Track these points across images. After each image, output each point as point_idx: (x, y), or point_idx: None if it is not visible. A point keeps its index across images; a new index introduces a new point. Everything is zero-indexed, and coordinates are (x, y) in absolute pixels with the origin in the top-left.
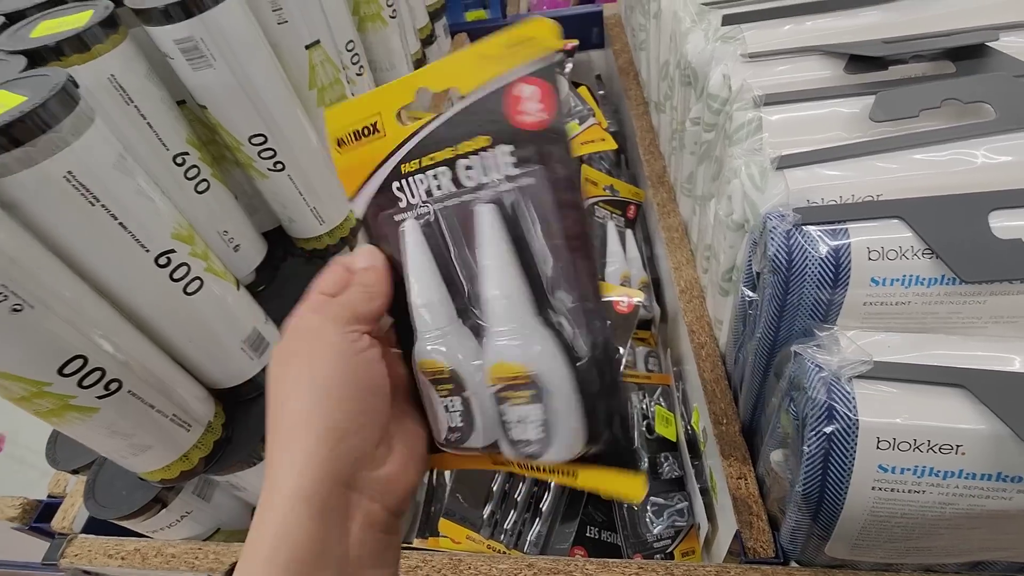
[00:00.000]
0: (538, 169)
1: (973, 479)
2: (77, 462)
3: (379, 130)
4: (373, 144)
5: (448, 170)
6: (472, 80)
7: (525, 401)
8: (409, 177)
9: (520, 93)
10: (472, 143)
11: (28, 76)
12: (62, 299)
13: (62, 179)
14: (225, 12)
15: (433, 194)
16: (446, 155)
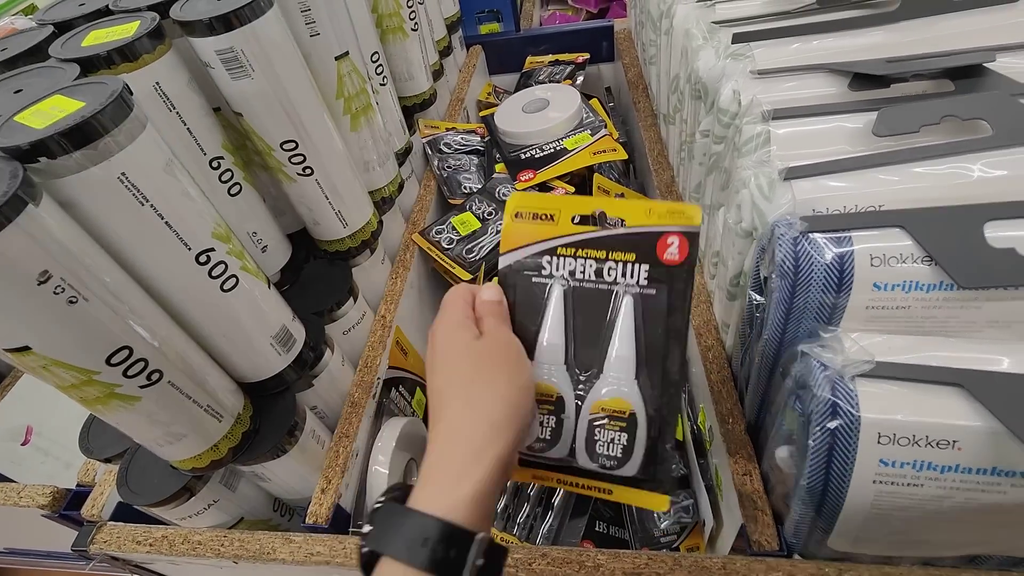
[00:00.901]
0: (663, 287)
1: (969, 473)
2: (110, 451)
3: (554, 220)
4: (544, 226)
5: (596, 264)
6: (638, 219)
7: (618, 429)
8: (562, 257)
9: (669, 239)
10: (622, 255)
11: (85, 83)
12: (111, 292)
13: (116, 180)
14: (264, 25)
15: (575, 275)
16: (599, 255)
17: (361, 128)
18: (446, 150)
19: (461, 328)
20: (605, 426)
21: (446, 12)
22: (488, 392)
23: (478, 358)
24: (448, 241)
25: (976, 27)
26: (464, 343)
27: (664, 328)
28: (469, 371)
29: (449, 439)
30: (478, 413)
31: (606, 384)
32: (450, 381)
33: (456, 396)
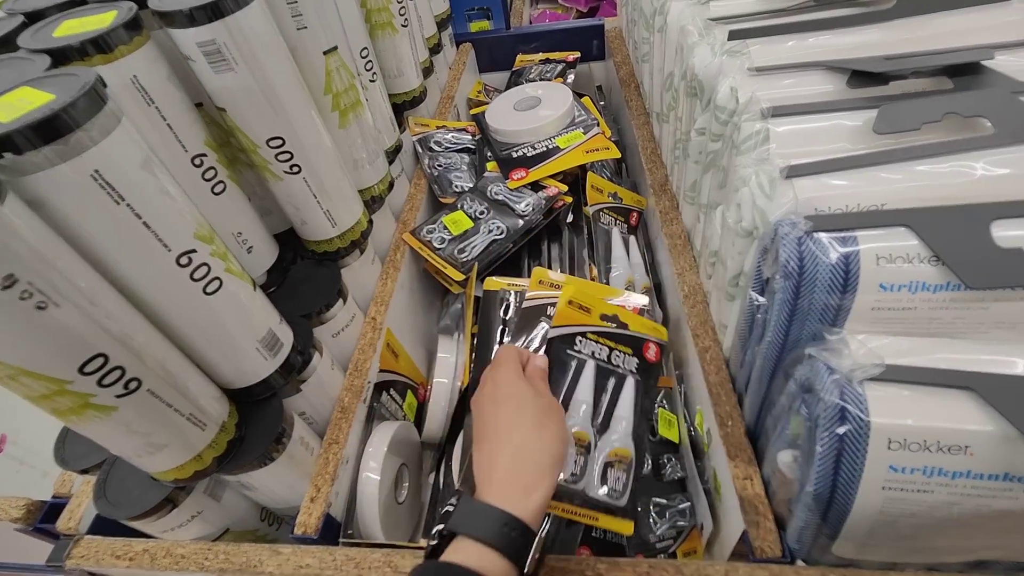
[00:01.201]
0: (643, 377)
1: (981, 479)
2: (86, 462)
3: (589, 312)
4: (582, 315)
5: (608, 350)
6: (638, 327)
7: (623, 469)
8: (588, 340)
9: (650, 345)
10: (624, 348)
11: (56, 75)
12: (85, 297)
13: (89, 178)
14: (248, 16)
15: (595, 355)
16: (610, 344)
17: (350, 125)
18: (436, 148)
19: (524, 381)
20: (615, 466)
21: (436, 9)
22: (549, 434)
23: (541, 408)
24: (439, 241)
25: (971, 25)
26: (531, 394)
27: (640, 408)
28: (537, 413)
29: (519, 457)
30: (544, 445)
31: (616, 435)
32: (521, 413)
33: (525, 426)
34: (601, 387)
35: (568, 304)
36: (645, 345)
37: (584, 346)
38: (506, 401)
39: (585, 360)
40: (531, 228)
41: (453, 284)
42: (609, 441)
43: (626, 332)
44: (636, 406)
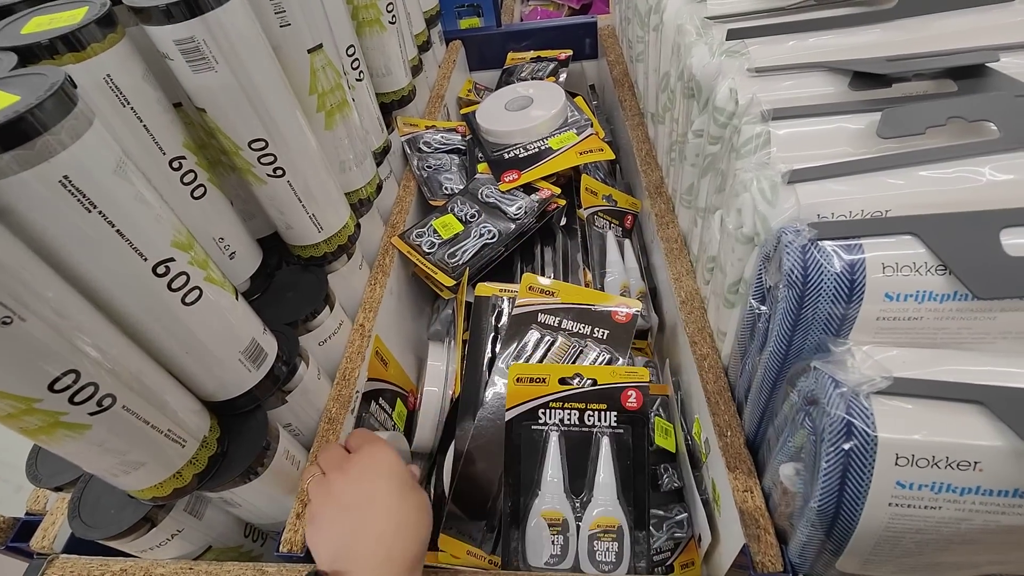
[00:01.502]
0: (628, 428)
1: (990, 495)
2: (60, 479)
3: (545, 382)
4: (538, 387)
5: (579, 412)
6: (605, 379)
7: (612, 539)
8: (552, 409)
9: (629, 392)
10: (597, 405)
11: (22, 74)
12: (54, 311)
13: (57, 184)
14: (228, 13)
15: (564, 422)
16: (580, 406)
17: (336, 126)
18: (426, 149)
19: None
20: (601, 538)
21: (425, 5)
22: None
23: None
24: (429, 245)
25: (974, 26)
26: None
27: (631, 460)
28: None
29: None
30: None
31: (597, 506)
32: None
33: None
34: (575, 455)
35: (516, 383)
36: (624, 394)
37: (549, 416)
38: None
39: (549, 432)
40: (523, 232)
41: (443, 290)
42: (591, 513)
43: (595, 388)
44: (621, 464)
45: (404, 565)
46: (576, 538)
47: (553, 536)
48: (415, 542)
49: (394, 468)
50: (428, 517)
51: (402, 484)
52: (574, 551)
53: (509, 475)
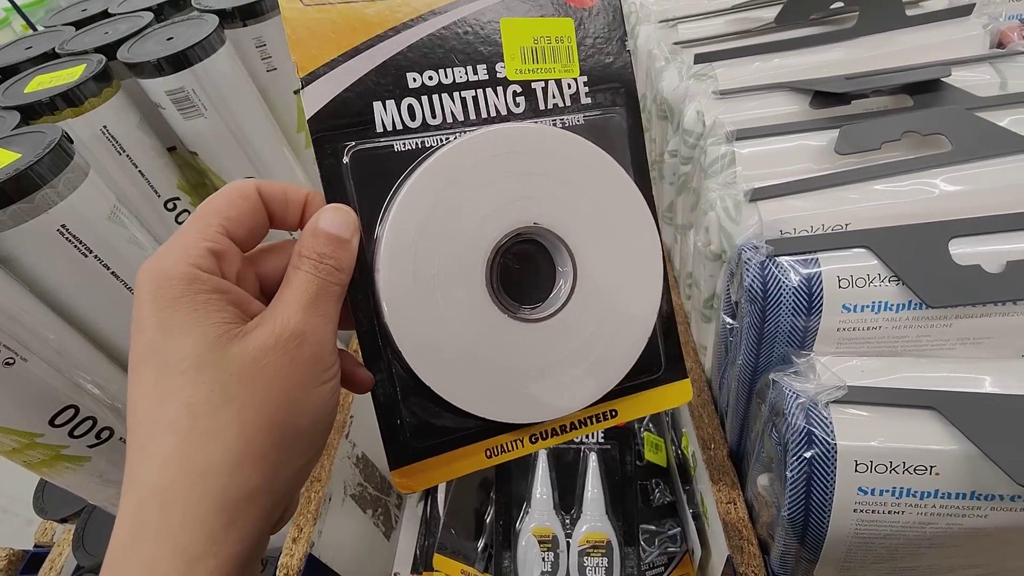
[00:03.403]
0: (615, 444)
1: (949, 498)
2: (65, 511)
3: None
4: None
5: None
6: None
7: (601, 554)
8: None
9: None
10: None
11: (23, 133)
12: (54, 350)
13: (55, 233)
14: (215, 63)
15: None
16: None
17: None
18: None
19: None
20: (590, 554)
21: None
22: None
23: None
24: None
25: (931, 41)
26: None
27: (619, 476)
28: None
29: None
30: None
31: (586, 522)
32: None
33: None
34: (564, 472)
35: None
36: None
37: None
38: None
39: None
40: None
41: None
42: (580, 529)
43: None
44: (609, 480)
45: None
46: (566, 554)
47: (544, 553)
48: None
49: None
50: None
51: None
52: (564, 568)
53: (500, 493)
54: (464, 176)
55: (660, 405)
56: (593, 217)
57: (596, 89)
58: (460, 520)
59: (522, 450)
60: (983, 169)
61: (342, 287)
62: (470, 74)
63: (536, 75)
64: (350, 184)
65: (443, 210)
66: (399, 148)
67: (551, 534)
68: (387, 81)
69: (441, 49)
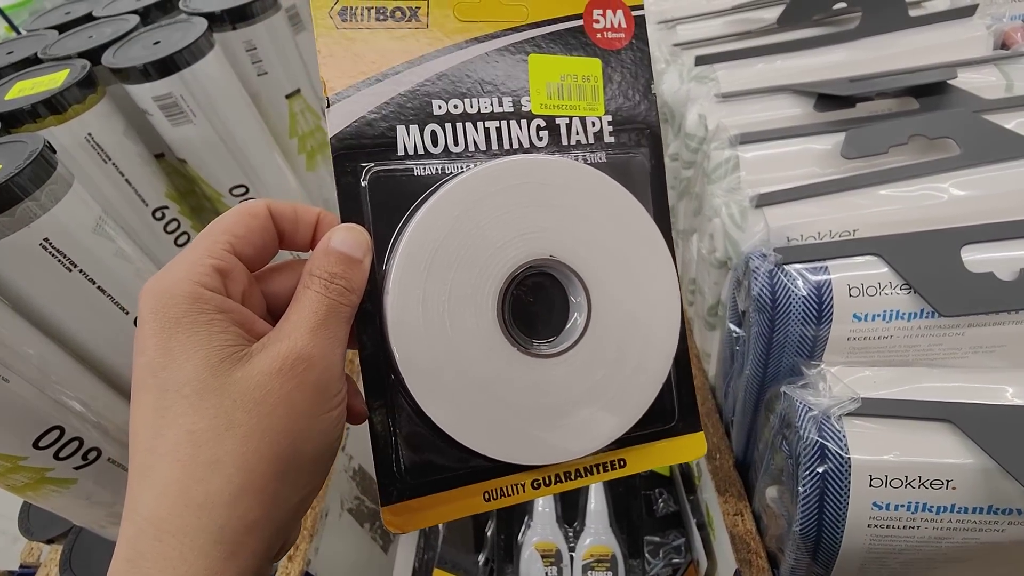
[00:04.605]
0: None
1: (965, 513)
2: (52, 531)
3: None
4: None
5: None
6: None
7: (606, 569)
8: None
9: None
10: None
11: (3, 142)
12: (37, 370)
13: (38, 247)
14: (204, 68)
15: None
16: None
17: (318, 167)
18: None
19: None
20: (595, 568)
21: None
22: None
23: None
24: None
25: (934, 42)
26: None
27: (623, 487)
28: None
29: None
30: None
31: (589, 535)
32: None
33: None
34: None
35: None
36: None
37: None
38: None
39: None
40: None
41: None
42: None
43: None
44: (612, 491)
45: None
46: (570, 569)
47: (547, 568)
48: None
49: None
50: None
51: None
52: None
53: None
54: (481, 204)
55: (672, 458)
56: (611, 254)
57: (620, 129)
58: (460, 533)
59: (523, 496)
60: (993, 173)
61: (352, 308)
62: (495, 105)
63: (561, 111)
64: (367, 204)
65: (458, 237)
66: (419, 172)
67: (554, 548)
68: (412, 106)
69: (469, 79)
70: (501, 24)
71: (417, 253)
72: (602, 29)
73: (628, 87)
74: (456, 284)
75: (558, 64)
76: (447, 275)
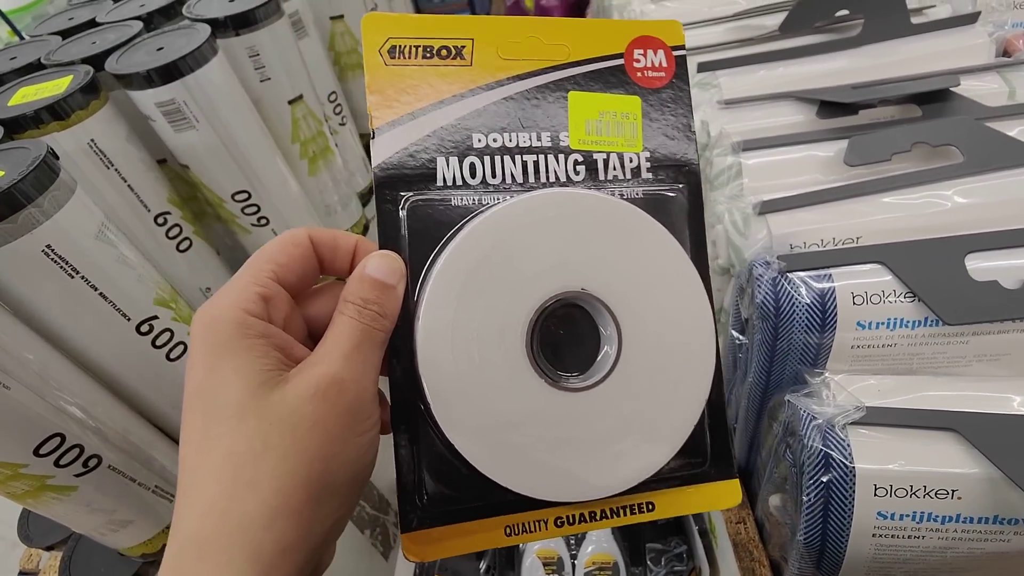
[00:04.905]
0: None
1: (971, 523)
2: (52, 538)
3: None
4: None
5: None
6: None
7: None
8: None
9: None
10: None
11: (6, 148)
12: (38, 377)
13: (40, 254)
14: (207, 74)
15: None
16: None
17: (320, 172)
18: None
19: None
20: (596, 575)
21: None
22: None
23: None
24: None
25: (936, 49)
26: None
27: None
28: None
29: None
30: None
31: (591, 543)
32: None
33: None
34: None
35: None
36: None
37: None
38: None
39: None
40: None
41: None
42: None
43: None
44: None
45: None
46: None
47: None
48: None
49: None
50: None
51: None
52: None
53: None
54: (513, 236)
55: (703, 505)
56: (643, 289)
57: (658, 166)
58: None
59: (544, 533)
60: (996, 181)
61: (385, 333)
62: (534, 140)
63: (598, 147)
64: (404, 231)
65: (490, 266)
66: (456, 203)
67: (556, 556)
68: (453, 139)
69: (509, 115)
70: (543, 63)
71: (448, 282)
72: (643, 68)
73: (668, 125)
74: (485, 315)
75: (597, 101)
76: (477, 305)
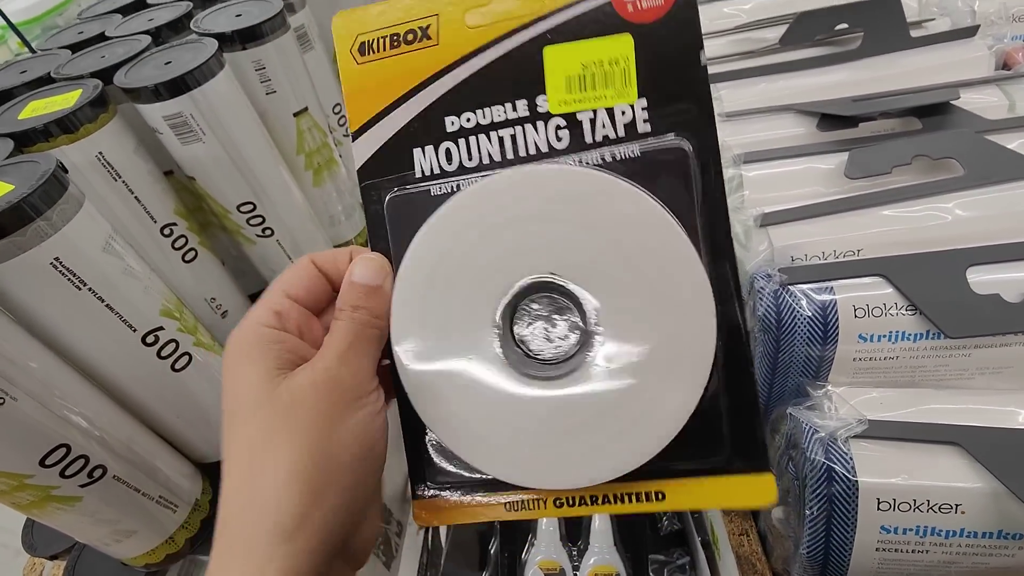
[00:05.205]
0: None
1: (975, 537)
2: (55, 547)
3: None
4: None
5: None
6: None
7: None
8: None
9: None
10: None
11: (16, 162)
12: (45, 388)
13: (48, 266)
14: (214, 88)
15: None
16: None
17: (324, 183)
18: None
19: None
20: None
21: None
22: None
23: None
24: None
25: (936, 62)
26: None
27: None
28: None
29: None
30: None
31: (593, 554)
32: None
33: None
34: None
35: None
36: None
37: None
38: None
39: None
40: None
41: None
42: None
43: None
44: None
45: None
46: None
47: None
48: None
49: None
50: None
51: None
52: None
53: (504, 523)
54: (479, 221)
55: (726, 501)
56: (621, 267)
57: (659, 113)
58: (463, 551)
59: (544, 512)
60: (997, 194)
61: (380, 330)
62: (509, 111)
63: (584, 104)
64: (388, 229)
65: (455, 257)
66: (435, 192)
67: (558, 567)
68: (425, 127)
69: (480, 89)
70: (516, 20)
71: (412, 281)
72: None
73: (669, 61)
74: (453, 311)
75: (579, 51)
76: (443, 299)
